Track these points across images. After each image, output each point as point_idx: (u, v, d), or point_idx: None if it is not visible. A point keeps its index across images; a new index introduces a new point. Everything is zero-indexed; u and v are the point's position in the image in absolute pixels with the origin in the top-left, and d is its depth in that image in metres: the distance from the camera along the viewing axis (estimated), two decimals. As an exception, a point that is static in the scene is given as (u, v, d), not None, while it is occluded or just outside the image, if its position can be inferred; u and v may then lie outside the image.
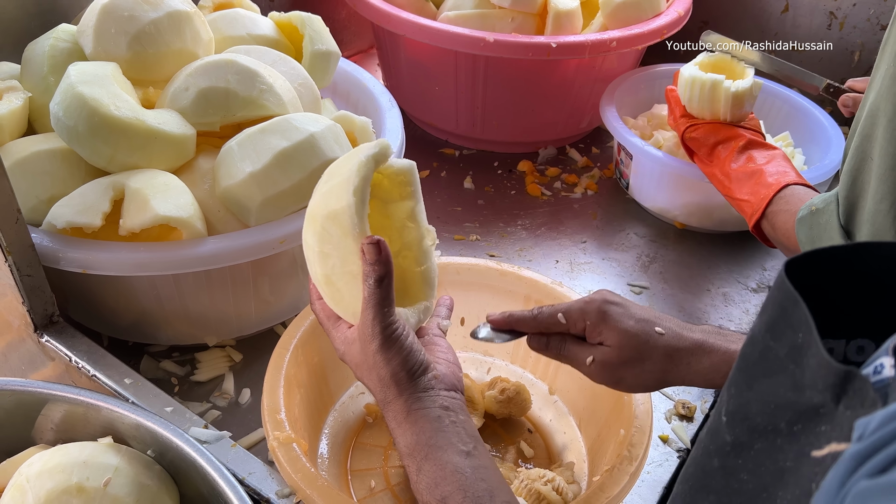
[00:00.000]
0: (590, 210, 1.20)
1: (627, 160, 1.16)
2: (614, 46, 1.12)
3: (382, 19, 1.16)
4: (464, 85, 1.20)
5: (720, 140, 0.97)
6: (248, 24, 0.96)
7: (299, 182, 0.75)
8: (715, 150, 0.97)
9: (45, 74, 0.81)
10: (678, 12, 1.21)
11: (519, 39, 1.09)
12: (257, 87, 0.80)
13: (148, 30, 0.81)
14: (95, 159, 0.75)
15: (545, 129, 1.29)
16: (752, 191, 0.90)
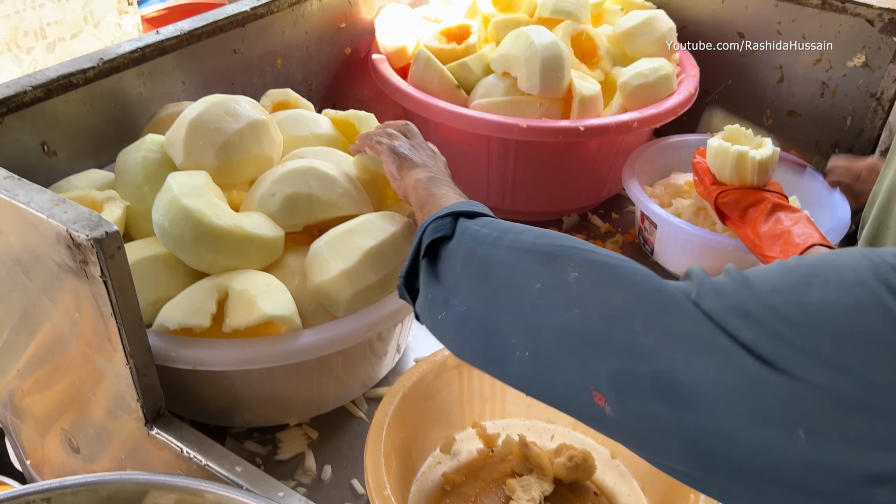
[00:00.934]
0: (618, 275, 1.29)
1: (651, 228, 1.25)
2: (636, 126, 1.23)
3: (420, 108, 1.25)
4: (495, 165, 1.30)
5: (750, 203, 1.09)
6: (310, 124, 1.05)
7: (384, 276, 0.83)
8: (746, 213, 1.09)
9: (139, 184, 0.89)
10: (689, 91, 1.32)
11: (550, 125, 1.19)
12: (336, 190, 0.88)
13: (232, 140, 0.89)
14: (197, 263, 0.82)
15: (570, 199, 1.39)
16: (781, 250, 1.01)
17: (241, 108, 0.92)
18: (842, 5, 1.38)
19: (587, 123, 1.20)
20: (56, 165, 1.01)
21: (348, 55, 1.46)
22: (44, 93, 0.94)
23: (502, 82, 1.27)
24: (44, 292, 0.76)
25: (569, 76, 1.24)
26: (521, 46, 1.23)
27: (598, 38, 1.36)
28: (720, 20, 1.51)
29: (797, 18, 1.44)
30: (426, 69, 1.29)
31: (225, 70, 1.20)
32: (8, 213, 0.72)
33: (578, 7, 1.34)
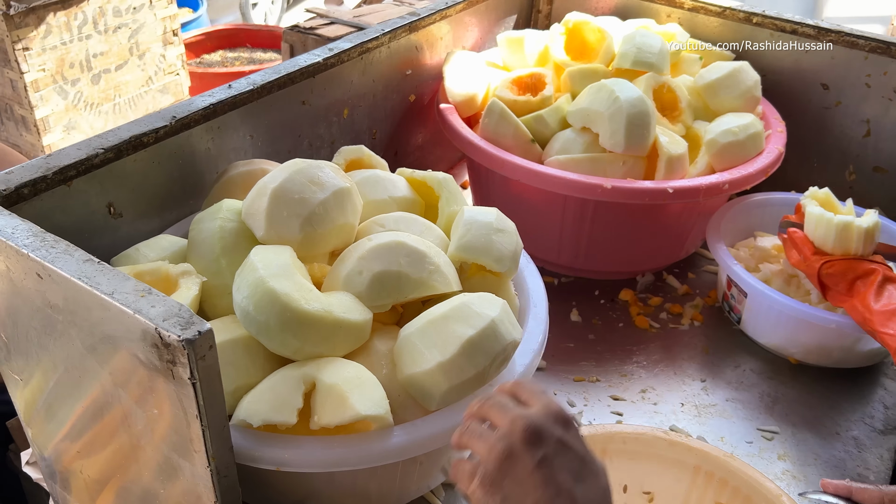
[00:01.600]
0: (700, 343, 1.21)
1: (740, 296, 1.17)
2: (726, 189, 1.15)
3: (494, 163, 1.19)
4: (570, 224, 1.22)
5: (858, 276, 1.03)
6: (388, 186, 0.99)
7: (484, 369, 0.75)
8: (854, 285, 1.03)
9: (216, 256, 0.83)
10: (778, 149, 1.24)
11: (636, 186, 1.12)
12: (426, 268, 0.81)
13: (317, 211, 0.83)
14: (282, 350, 0.75)
15: (646, 259, 1.31)
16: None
17: (325, 175, 0.85)
18: (940, 59, 1.30)
19: (676, 185, 1.12)
20: (121, 226, 0.95)
21: (412, 102, 1.40)
22: (114, 153, 0.89)
23: (581, 137, 1.21)
24: (119, 385, 0.70)
25: (654, 135, 1.17)
26: (603, 101, 1.16)
27: (680, 90, 1.29)
28: (802, 70, 1.43)
29: (888, 71, 1.36)
30: (500, 122, 1.22)
31: (292, 122, 1.15)
32: (87, 300, 0.65)
33: (660, 58, 1.27)
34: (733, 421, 1.07)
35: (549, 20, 1.70)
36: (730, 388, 1.13)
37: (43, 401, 0.81)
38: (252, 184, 0.97)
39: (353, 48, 1.18)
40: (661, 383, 1.13)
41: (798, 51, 1.42)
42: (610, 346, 1.20)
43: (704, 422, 1.07)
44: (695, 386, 1.13)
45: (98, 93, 2.22)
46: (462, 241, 0.88)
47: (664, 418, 1.07)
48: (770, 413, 1.09)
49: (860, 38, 1.35)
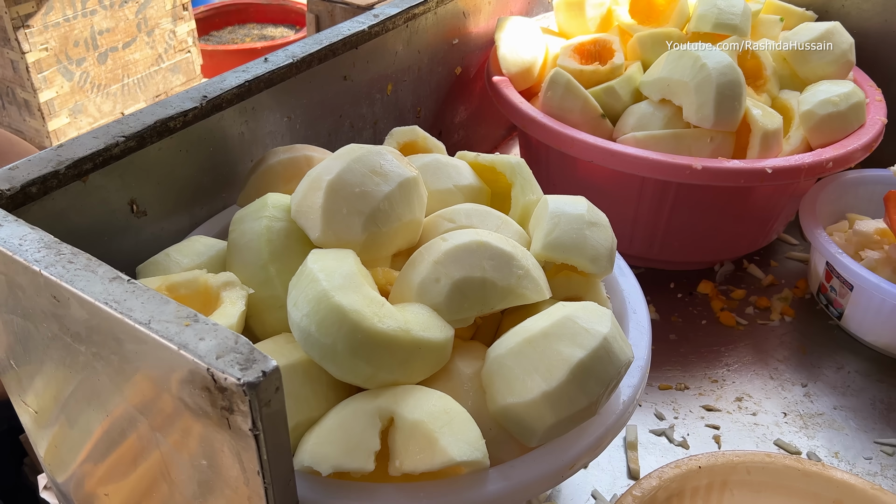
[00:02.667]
0: (795, 342, 1.08)
1: (843, 289, 1.03)
2: (831, 168, 1.01)
3: (562, 143, 1.04)
4: (647, 209, 1.08)
5: None
6: (452, 174, 0.85)
7: (597, 398, 0.62)
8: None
9: (263, 263, 0.69)
10: (881, 120, 1.10)
11: (731, 166, 0.97)
12: (514, 272, 0.68)
13: (382, 207, 0.69)
14: (351, 378, 0.62)
15: (727, 247, 1.17)
16: None
17: (389, 163, 0.71)
18: None
19: (774, 164, 0.98)
20: (145, 226, 0.82)
21: (458, 75, 1.26)
22: (136, 142, 0.75)
23: (660, 111, 1.06)
24: (157, 429, 0.57)
25: (744, 107, 1.02)
26: (687, 70, 1.02)
27: (765, 56, 1.14)
28: (893, 31, 1.28)
29: None
30: (566, 95, 1.08)
31: (333, 101, 1.01)
32: (116, 330, 0.52)
33: (744, 20, 1.12)
34: (846, 433, 0.94)
35: (600, -18, 1.54)
36: (836, 394, 0.99)
37: (63, 439, 0.68)
38: (295, 173, 0.84)
39: (398, 14, 1.04)
40: (758, 389, 1.00)
41: (888, 10, 1.27)
42: (695, 347, 1.06)
43: (813, 434, 0.94)
44: (796, 392, 1.00)
45: (105, 73, 2.07)
46: (550, 237, 0.74)
47: (766, 431, 0.94)
48: (887, 422, 0.96)
49: (967, -9, 1.20)
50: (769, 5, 1.28)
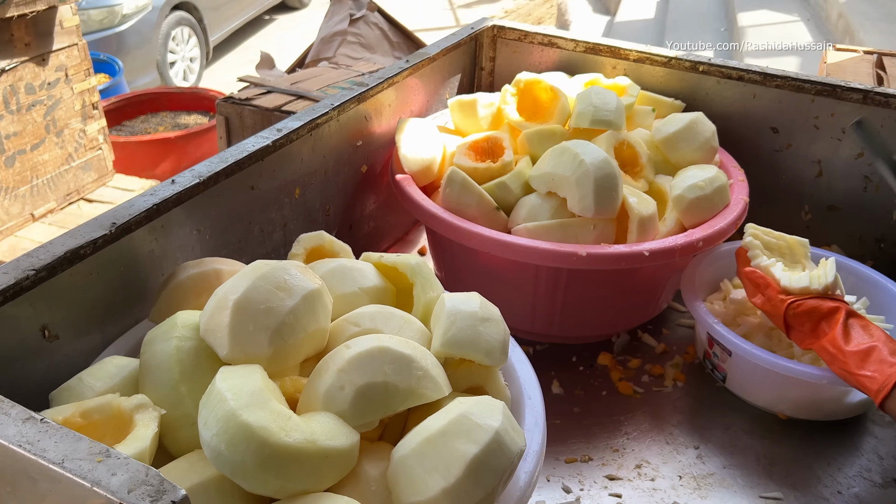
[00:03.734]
0: (687, 406, 1.17)
1: (723, 355, 1.14)
2: (701, 246, 1.12)
3: (461, 236, 1.12)
4: (543, 293, 1.17)
5: (823, 315, 1.01)
6: (357, 277, 0.91)
7: (493, 489, 0.68)
8: (819, 325, 1.01)
9: (174, 383, 0.73)
10: (743, 199, 1.23)
11: (612, 251, 1.07)
12: (414, 374, 0.74)
13: (288, 321, 0.74)
14: (262, 490, 0.66)
15: (621, 320, 1.27)
16: (875, 368, 0.93)
17: (293, 278, 0.77)
18: (885, 99, 1.32)
19: (651, 248, 1.08)
20: (58, 349, 0.84)
21: (364, 172, 1.33)
22: (47, 272, 0.78)
23: (548, 203, 1.16)
24: (73, 560, 0.59)
25: (621, 196, 1.13)
26: (568, 165, 1.12)
27: (639, 145, 1.26)
28: (751, 116, 1.44)
29: (836, 113, 1.37)
30: (462, 191, 1.16)
31: (241, 210, 1.06)
32: (31, 470, 0.55)
33: (617, 115, 1.24)
34: (734, 490, 1.02)
35: (493, 77, 1.67)
36: (724, 454, 1.08)
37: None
38: (204, 287, 0.89)
39: (302, 126, 1.11)
40: (655, 455, 1.08)
41: (746, 97, 1.43)
42: (597, 418, 1.14)
43: (706, 494, 1.02)
44: (689, 454, 1.08)
45: (13, 175, 2.06)
46: (447, 335, 0.80)
47: (664, 495, 1.02)
48: (770, 477, 1.05)
49: (806, 81, 1.36)
50: (642, 97, 1.42)
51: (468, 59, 1.62)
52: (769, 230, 1.16)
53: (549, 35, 1.56)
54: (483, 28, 1.59)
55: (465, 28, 1.56)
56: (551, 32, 1.56)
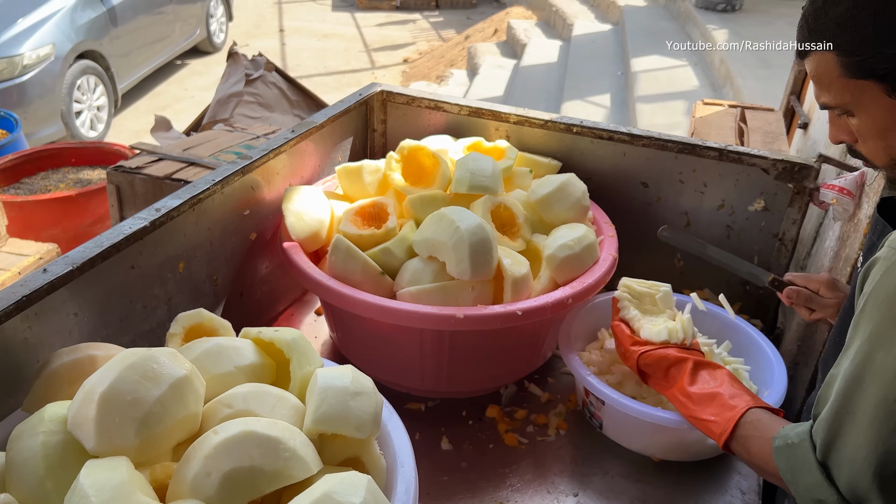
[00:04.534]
0: (568, 454, 1.23)
1: (598, 404, 1.21)
2: (571, 303, 1.19)
3: (346, 303, 1.16)
4: (429, 353, 1.22)
5: (671, 364, 1.09)
6: (233, 356, 0.93)
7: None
8: (668, 373, 1.09)
9: (40, 480, 0.74)
10: (612, 255, 1.31)
11: (487, 312, 1.13)
12: (282, 455, 0.77)
13: (154, 410, 0.77)
14: (126, 586, 0.67)
15: (506, 373, 1.33)
16: (716, 412, 1.00)
17: (161, 366, 0.79)
18: (738, 157, 1.44)
19: (524, 307, 1.15)
20: (-78, 447, 0.83)
21: (254, 240, 1.36)
22: None
23: (429, 267, 1.21)
24: None
25: (497, 257, 1.19)
26: (445, 231, 1.18)
27: (516, 207, 1.34)
28: (623, 172, 1.54)
29: (697, 168, 1.49)
30: (347, 259, 1.21)
31: (121, 290, 1.07)
32: None
33: (493, 180, 1.32)
34: (610, 535, 1.09)
35: (386, 138, 1.73)
36: (602, 499, 1.14)
37: None
38: (79, 374, 0.89)
39: (183, 203, 1.13)
40: (537, 505, 1.13)
41: (617, 155, 1.53)
42: (483, 473, 1.18)
43: (583, 541, 1.08)
44: (569, 503, 1.14)
45: None
46: (318, 413, 0.84)
47: (545, 545, 1.07)
48: (643, 519, 1.11)
49: (668, 141, 1.48)
50: (521, 159, 1.50)
51: (360, 122, 1.67)
52: (642, 280, 1.24)
53: (434, 100, 1.64)
54: (372, 93, 1.66)
55: (353, 95, 1.62)
56: (436, 98, 1.64)
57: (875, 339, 0.78)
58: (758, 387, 1.25)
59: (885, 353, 0.77)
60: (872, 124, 0.85)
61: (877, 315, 0.78)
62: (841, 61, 0.83)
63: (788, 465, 0.85)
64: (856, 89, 0.84)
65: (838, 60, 0.83)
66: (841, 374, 0.82)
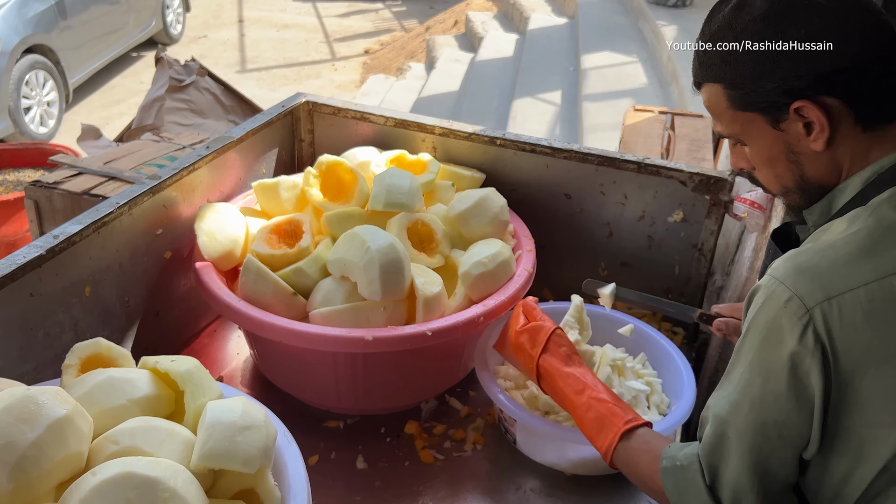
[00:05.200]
0: (483, 469, 1.24)
1: (511, 420, 1.22)
2: (482, 322, 1.20)
3: (255, 327, 1.16)
4: (343, 374, 1.22)
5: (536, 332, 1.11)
6: (125, 388, 0.92)
7: None
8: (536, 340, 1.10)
9: None
10: (528, 271, 1.32)
11: (396, 333, 1.14)
12: (160, 496, 0.76)
13: (30, 453, 0.76)
14: None
15: (427, 389, 1.33)
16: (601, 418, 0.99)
17: (39, 406, 0.78)
18: (656, 169, 1.46)
19: (434, 327, 1.15)
20: None
21: (169, 258, 1.35)
22: None
23: (342, 286, 1.21)
24: None
25: (409, 277, 1.20)
26: (356, 251, 1.18)
27: (434, 223, 1.34)
28: (547, 183, 1.55)
29: (617, 181, 1.50)
30: (258, 281, 1.20)
31: (20, 319, 1.05)
32: None
33: (410, 197, 1.32)
34: (517, 553, 1.10)
35: (314, 148, 1.72)
36: (513, 516, 1.16)
37: None
38: (-37, 414, 0.88)
39: (85, 228, 1.11)
40: (448, 524, 1.14)
41: (540, 167, 1.54)
42: (397, 492, 1.19)
43: (491, 560, 1.09)
44: (480, 520, 1.15)
45: None
46: (205, 449, 0.83)
47: (452, 564, 1.08)
48: (551, 536, 1.13)
49: (588, 154, 1.49)
50: (444, 171, 1.50)
51: (286, 132, 1.66)
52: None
53: (360, 111, 1.63)
54: (298, 104, 1.64)
55: (276, 106, 1.61)
56: (362, 108, 1.63)
57: (754, 367, 0.80)
58: (669, 399, 1.28)
59: (763, 380, 0.79)
60: (761, 154, 0.87)
61: (756, 342, 0.80)
62: (727, 94, 0.85)
63: (676, 488, 0.86)
64: (744, 121, 0.86)
65: (725, 93, 0.86)
66: (721, 398, 0.84)
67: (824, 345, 0.74)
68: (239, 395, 1.00)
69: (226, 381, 1.38)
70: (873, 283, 0.75)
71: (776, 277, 0.78)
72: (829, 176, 0.85)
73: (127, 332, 1.28)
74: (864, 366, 0.74)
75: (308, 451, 1.24)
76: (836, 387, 0.75)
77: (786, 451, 0.79)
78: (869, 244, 0.77)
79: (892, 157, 0.83)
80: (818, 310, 0.75)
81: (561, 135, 3.76)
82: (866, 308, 0.74)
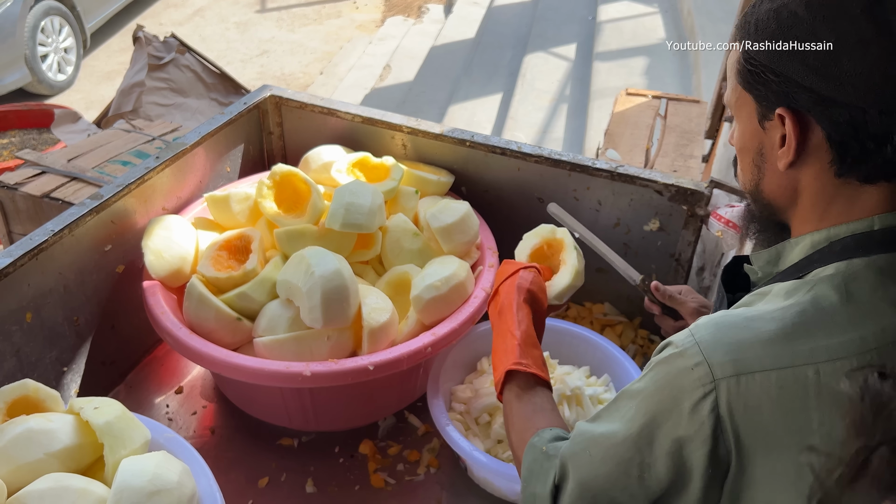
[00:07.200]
0: (433, 497, 1.22)
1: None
2: (430, 352, 1.16)
3: (195, 357, 1.13)
4: (291, 397, 1.20)
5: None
6: (43, 441, 0.91)
7: None
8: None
9: None
10: (485, 291, 1.27)
11: (335, 369, 1.10)
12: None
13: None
14: None
15: (383, 408, 1.31)
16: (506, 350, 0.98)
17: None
18: (630, 178, 1.37)
19: (376, 361, 1.11)
20: None
21: (122, 272, 1.32)
22: None
23: (286, 312, 1.17)
24: None
25: (356, 305, 1.15)
26: (301, 275, 1.14)
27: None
28: (520, 186, 1.48)
29: (591, 187, 1.42)
30: (200, 306, 1.17)
31: (-48, 355, 1.04)
32: None
33: (370, 218, 1.25)
34: (456, 591, 1.09)
35: (284, 140, 1.66)
36: (458, 548, 1.14)
37: None
38: None
39: (20, 258, 1.09)
40: (391, 557, 1.13)
41: (512, 169, 1.46)
42: (343, 519, 1.18)
43: None
44: (425, 553, 1.14)
45: None
46: None
47: None
48: (493, 572, 1.11)
49: (559, 160, 1.40)
50: (408, 175, 1.44)
51: (252, 127, 1.60)
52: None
53: (327, 107, 1.55)
54: (263, 98, 1.58)
55: (238, 103, 1.54)
56: (328, 105, 1.56)
57: (640, 410, 0.74)
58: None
59: (642, 427, 0.73)
60: (741, 139, 0.81)
61: (651, 390, 0.74)
62: (741, 64, 0.77)
63: (530, 468, 0.84)
64: (740, 97, 0.79)
65: (739, 61, 0.78)
66: (604, 415, 0.80)
67: (721, 418, 0.69)
68: (163, 445, 0.98)
69: (185, 391, 1.38)
70: (787, 369, 0.69)
71: (694, 337, 0.72)
72: (781, 200, 0.78)
73: (78, 349, 1.27)
74: (765, 448, 0.69)
75: (259, 471, 1.24)
76: (736, 461, 0.70)
77: (640, 491, 0.75)
78: (796, 326, 0.70)
79: (849, 228, 0.75)
80: (724, 384, 0.69)
81: (571, 96, 3.59)
82: (775, 393, 0.68)
